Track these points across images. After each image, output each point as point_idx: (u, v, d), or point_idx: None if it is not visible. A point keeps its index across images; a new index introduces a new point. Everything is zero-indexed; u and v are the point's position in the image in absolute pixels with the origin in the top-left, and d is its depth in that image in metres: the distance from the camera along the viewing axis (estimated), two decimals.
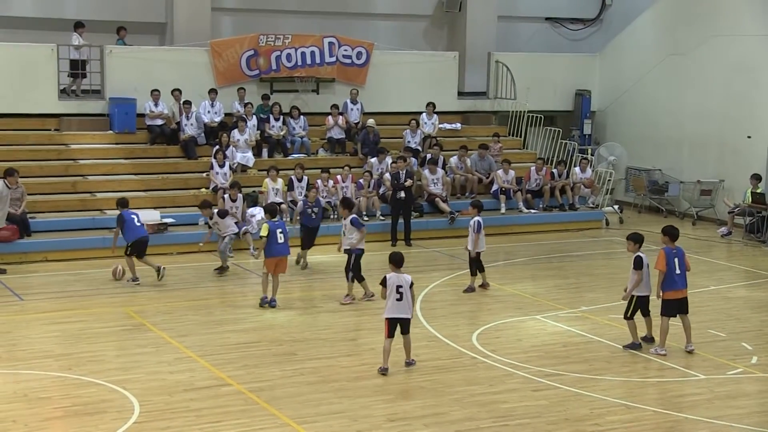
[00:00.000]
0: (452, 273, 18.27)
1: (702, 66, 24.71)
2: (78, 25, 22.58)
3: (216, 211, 18.35)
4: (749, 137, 23.68)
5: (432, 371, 12.84)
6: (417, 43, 27.06)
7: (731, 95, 23.97)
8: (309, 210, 18.57)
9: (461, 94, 26.46)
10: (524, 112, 26.07)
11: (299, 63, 24.13)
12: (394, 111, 25.03)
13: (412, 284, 12.66)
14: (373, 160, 22.76)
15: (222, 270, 17.95)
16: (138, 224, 17.28)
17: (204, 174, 21.63)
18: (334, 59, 24.47)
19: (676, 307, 13.59)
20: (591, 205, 24.14)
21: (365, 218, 21.49)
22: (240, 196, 19.96)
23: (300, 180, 21.29)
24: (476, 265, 16.79)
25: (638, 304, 13.70)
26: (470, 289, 16.79)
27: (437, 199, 22.35)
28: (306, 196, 19.43)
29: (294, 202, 21.07)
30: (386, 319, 12.68)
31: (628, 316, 13.75)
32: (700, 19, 24.87)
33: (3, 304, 15.90)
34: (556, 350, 13.79)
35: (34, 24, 23.47)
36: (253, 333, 14.42)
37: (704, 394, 12.22)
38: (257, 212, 20.22)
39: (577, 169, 24.38)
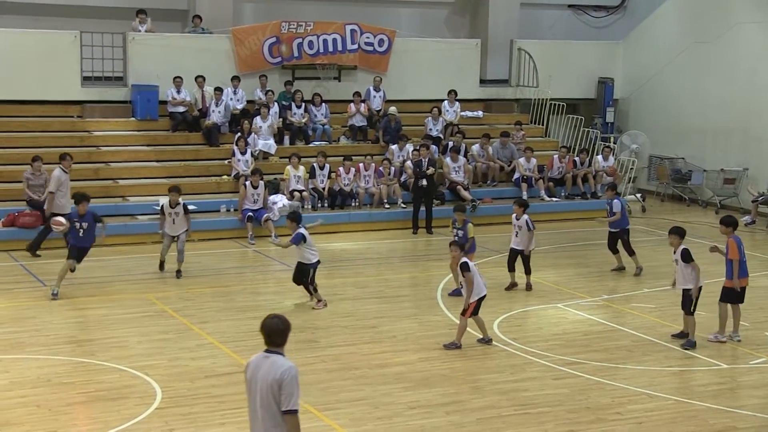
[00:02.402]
0: (474, 260, 18.18)
1: (726, 54, 24.53)
2: (140, 12, 22.95)
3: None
4: None
5: (453, 359, 12.84)
6: (439, 31, 26.97)
7: (756, 83, 23.80)
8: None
9: (483, 81, 26.37)
10: (546, 99, 25.95)
11: (321, 50, 24.10)
12: (415, 99, 24.99)
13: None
14: (394, 147, 22.74)
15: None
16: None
17: (226, 161, 21.67)
18: (356, 47, 24.42)
19: (739, 295, 13.43)
20: None
21: (386, 206, 21.54)
22: (261, 183, 20.02)
23: (322, 167, 21.37)
24: (527, 264, 16.18)
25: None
26: (513, 285, 16.28)
27: (459, 186, 22.30)
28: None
29: (315, 189, 21.15)
30: (477, 300, 13.04)
31: (692, 311, 13.31)
32: (725, 6, 24.68)
33: (27, 289, 16.02)
34: (577, 339, 13.75)
35: (57, 11, 23.49)
36: None
37: (727, 383, 12.17)
38: (279, 199, 20.28)
39: (600, 157, 24.27)
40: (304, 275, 15.03)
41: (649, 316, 14.91)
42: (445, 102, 24.50)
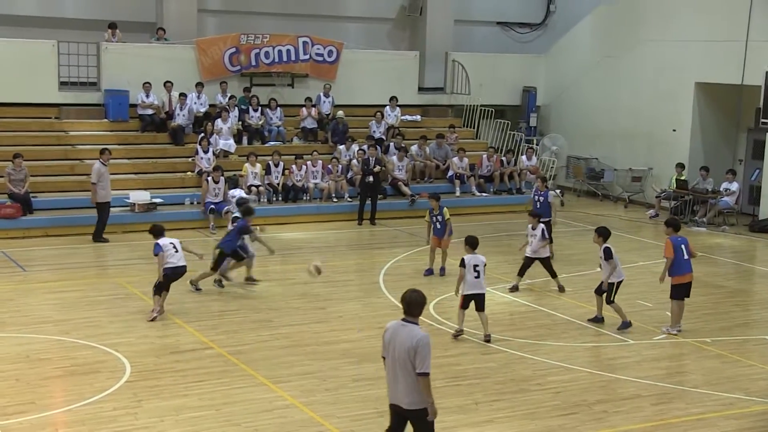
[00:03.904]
0: (412, 249, 18.26)
1: (633, 67, 24.80)
2: (112, 25, 22.67)
3: None
4: (674, 130, 23.84)
5: None
6: (382, 43, 26.91)
7: (658, 93, 24.09)
8: None
9: (421, 89, 26.36)
10: (477, 106, 26.05)
11: (276, 60, 23.94)
12: (361, 104, 24.88)
13: (485, 264, 12.57)
14: (342, 147, 22.67)
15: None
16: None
17: (190, 159, 21.43)
18: (307, 57, 24.29)
19: (684, 291, 13.18)
20: None
21: (334, 200, 21.48)
22: (222, 178, 19.91)
23: (276, 165, 21.31)
24: (550, 268, 15.43)
25: (617, 289, 13.21)
26: (515, 288, 15.45)
27: (400, 183, 22.30)
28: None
29: (270, 185, 21.07)
30: (463, 295, 12.48)
31: (611, 300, 13.23)
32: (631, 25, 24.94)
33: (7, 274, 15.69)
34: (504, 319, 13.82)
35: (37, 22, 23.05)
36: (234, 302, 14.34)
37: (633, 357, 12.32)
38: (237, 193, 20.10)
39: (524, 157, 24.43)
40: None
41: (566, 299, 15.05)
42: (387, 107, 24.47)
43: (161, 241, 13.28)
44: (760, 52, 20.88)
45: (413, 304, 7.49)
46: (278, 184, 21.20)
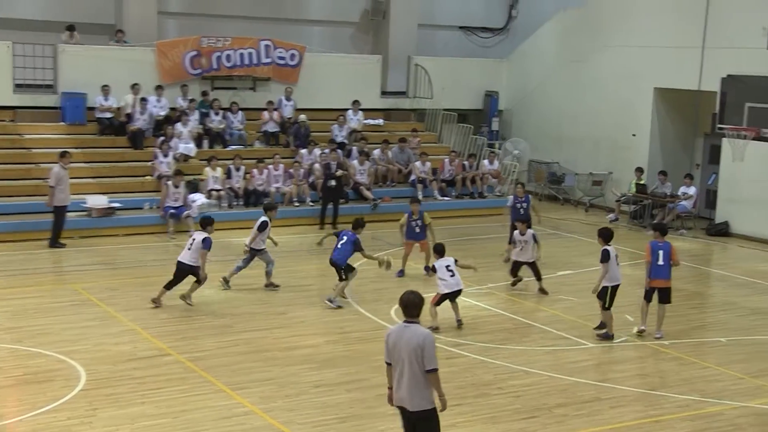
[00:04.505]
0: (374, 253, 18.16)
1: (595, 73, 25.00)
2: (69, 27, 22.42)
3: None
4: (634, 135, 24.07)
5: (354, 342, 12.80)
6: (345, 47, 26.87)
7: (619, 99, 24.30)
8: None
9: (384, 93, 26.35)
10: (440, 110, 26.11)
11: (238, 63, 23.79)
12: (323, 107, 24.81)
13: (456, 261, 13.47)
14: (303, 151, 22.58)
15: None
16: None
17: (149, 163, 21.20)
18: (269, 60, 24.18)
19: (652, 294, 13.22)
20: (497, 194, 24.26)
21: (296, 204, 21.38)
22: (182, 183, 19.74)
23: (237, 169, 21.19)
24: (537, 271, 15.53)
25: (612, 294, 13.01)
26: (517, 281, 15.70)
27: (362, 187, 22.26)
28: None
29: (231, 189, 20.93)
30: (441, 294, 13.27)
31: (606, 307, 13.02)
32: (592, 31, 25.14)
33: None
34: (465, 322, 13.80)
35: None
36: (193, 308, 14.17)
37: (592, 360, 12.40)
38: (197, 198, 20.01)
39: (486, 161, 24.52)
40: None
41: (528, 302, 15.10)
42: (350, 111, 24.43)
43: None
44: (716, 59, 21.16)
45: (411, 306, 7.75)
46: (239, 188, 21.06)
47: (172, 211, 19.36)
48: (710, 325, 14.51)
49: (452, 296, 13.40)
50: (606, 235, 13.22)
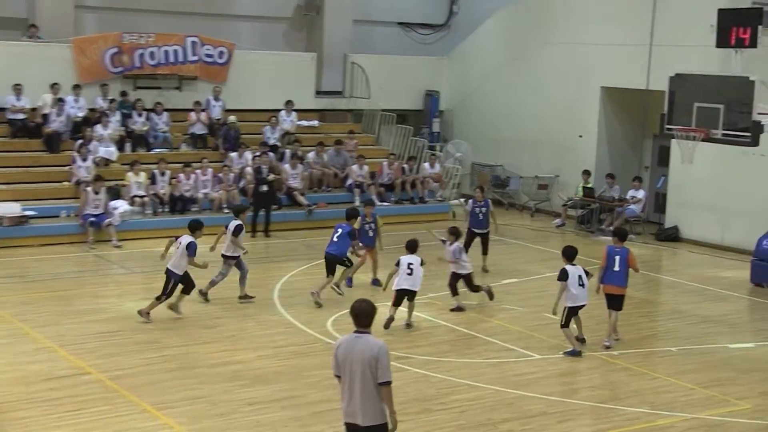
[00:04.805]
0: (309, 263, 18.16)
1: (539, 71, 25.31)
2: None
3: None
4: (581, 136, 24.42)
5: (289, 356, 12.75)
6: (277, 44, 26.79)
7: (565, 98, 24.63)
8: None
9: (319, 93, 26.35)
10: (378, 110, 26.20)
11: (162, 61, 23.58)
12: (254, 108, 24.70)
13: (420, 263, 13.97)
14: (233, 155, 22.45)
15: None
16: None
17: (66, 167, 20.87)
18: (196, 58, 24.01)
19: (608, 301, 13.46)
20: (439, 199, 24.44)
21: (226, 211, 21.21)
22: (103, 189, 19.51)
23: (162, 174, 20.99)
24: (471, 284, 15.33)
25: (570, 314, 13.10)
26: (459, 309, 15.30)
27: (295, 192, 22.20)
28: None
29: (156, 195, 20.72)
30: (396, 290, 13.81)
31: (562, 324, 13.13)
32: (537, 27, 25.47)
33: None
34: (405, 335, 13.87)
35: None
36: (114, 323, 13.98)
37: (539, 372, 12.53)
38: (119, 205, 19.76)
39: (426, 164, 24.67)
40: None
41: (471, 313, 15.19)
42: (282, 112, 24.38)
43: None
44: (664, 57, 21.57)
45: (362, 315, 7.70)
46: (164, 194, 20.84)
47: (92, 219, 19.11)
48: (660, 334, 14.79)
49: (410, 296, 13.93)
50: (568, 254, 13.28)
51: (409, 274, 13.88)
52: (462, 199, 25.25)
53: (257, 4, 26.96)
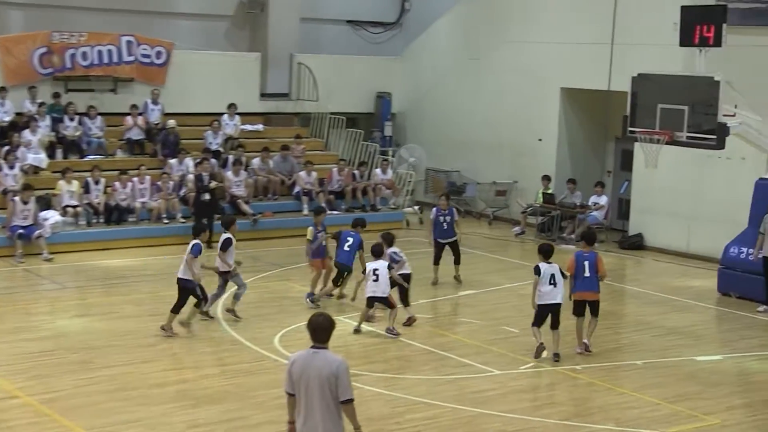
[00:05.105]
0: (255, 275, 18.10)
1: (495, 71, 25.50)
2: None
3: None
4: (540, 140, 24.63)
5: (235, 375, 12.70)
6: (219, 44, 26.71)
7: (523, 99, 24.83)
8: None
9: (264, 95, 26.31)
10: (326, 113, 26.22)
11: (96, 62, 23.42)
12: (195, 112, 24.60)
13: (389, 267, 14.50)
14: (173, 161, 22.33)
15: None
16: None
17: None
18: (132, 58, 23.88)
19: (580, 308, 13.70)
20: (392, 206, 24.51)
21: (165, 221, 21.09)
22: (32, 198, 19.29)
23: (96, 182, 20.84)
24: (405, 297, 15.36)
25: (541, 314, 13.45)
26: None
27: (239, 201, 22.13)
28: None
29: (90, 205, 20.53)
30: (368, 297, 14.47)
31: (533, 323, 13.57)
32: (493, 26, 25.66)
33: None
34: (357, 351, 13.88)
35: None
36: (46, 341, 13.81)
37: (498, 389, 12.60)
38: (51, 215, 19.55)
39: (378, 170, 24.73)
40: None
41: (426, 326, 15.25)
42: (225, 115, 24.30)
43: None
44: (626, 56, 21.84)
45: (319, 330, 7.72)
46: (99, 203, 20.68)
47: (21, 231, 18.91)
48: (625, 347, 14.95)
49: (381, 301, 14.51)
50: (544, 251, 13.61)
51: (375, 281, 14.37)
52: (416, 207, 25.40)
53: (197, 1, 26.87)
